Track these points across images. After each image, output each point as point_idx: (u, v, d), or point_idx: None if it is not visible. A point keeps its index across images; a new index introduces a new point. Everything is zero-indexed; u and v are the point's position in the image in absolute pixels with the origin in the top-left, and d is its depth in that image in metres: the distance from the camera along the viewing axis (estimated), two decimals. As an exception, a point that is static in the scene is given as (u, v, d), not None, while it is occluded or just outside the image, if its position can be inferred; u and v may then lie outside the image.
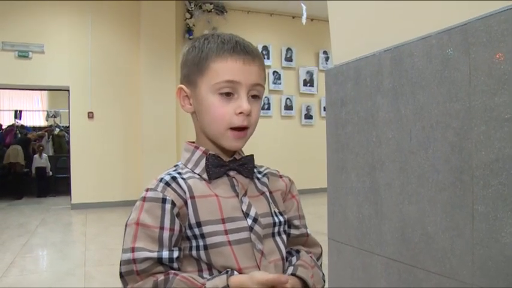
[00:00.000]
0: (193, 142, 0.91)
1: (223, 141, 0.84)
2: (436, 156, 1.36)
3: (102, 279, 3.32)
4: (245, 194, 0.86)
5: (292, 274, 0.83)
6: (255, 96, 0.85)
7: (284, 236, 0.90)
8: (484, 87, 1.19)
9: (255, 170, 0.92)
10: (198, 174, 0.85)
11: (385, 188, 1.59)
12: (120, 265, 0.77)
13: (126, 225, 0.80)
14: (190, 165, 0.87)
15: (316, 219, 1.00)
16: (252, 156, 0.90)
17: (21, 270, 3.66)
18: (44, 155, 8.85)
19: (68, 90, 7.00)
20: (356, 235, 1.77)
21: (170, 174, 0.84)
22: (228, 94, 0.82)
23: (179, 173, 0.85)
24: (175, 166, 0.89)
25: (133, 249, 0.76)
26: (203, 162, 0.85)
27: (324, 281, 0.92)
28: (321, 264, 0.96)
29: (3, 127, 10.18)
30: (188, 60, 0.87)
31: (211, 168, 0.84)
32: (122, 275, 0.77)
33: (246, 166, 0.88)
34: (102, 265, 3.73)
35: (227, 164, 0.86)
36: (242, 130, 0.83)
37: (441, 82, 1.34)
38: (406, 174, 1.49)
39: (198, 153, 0.87)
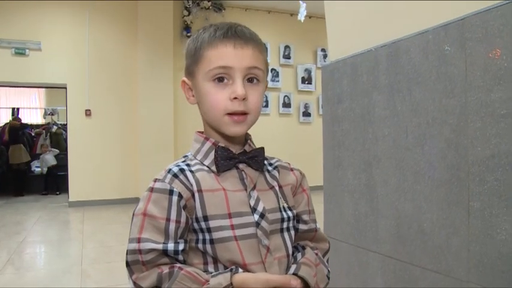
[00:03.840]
0: (203, 132, 0.90)
1: (222, 127, 0.83)
2: (432, 153, 1.35)
3: (99, 277, 3.30)
4: (254, 188, 0.85)
5: (294, 273, 0.82)
6: (252, 80, 0.83)
7: (292, 232, 0.89)
8: (480, 83, 1.18)
9: (266, 162, 0.91)
10: (207, 166, 0.84)
11: (381, 185, 1.59)
12: (127, 254, 0.77)
13: (133, 215, 0.80)
14: (199, 157, 0.86)
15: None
16: (262, 148, 0.88)
17: (18, 268, 3.65)
18: (51, 152, 8.83)
19: (66, 88, 6.97)
20: (352, 232, 1.76)
21: (179, 165, 0.83)
22: (220, 79, 0.81)
23: (188, 165, 0.84)
24: (184, 157, 0.88)
25: (139, 240, 0.76)
26: (212, 154, 0.84)
27: (329, 278, 0.91)
28: (327, 260, 0.94)
29: (1, 125, 10.14)
30: (187, 52, 0.87)
31: (220, 161, 0.83)
32: (128, 264, 0.77)
33: (255, 159, 0.86)
34: (99, 263, 3.72)
35: (236, 156, 0.85)
36: (240, 115, 0.82)
37: (437, 78, 1.33)
38: (402, 171, 1.48)
39: (208, 144, 0.86)
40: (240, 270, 0.77)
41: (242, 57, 0.81)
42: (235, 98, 0.80)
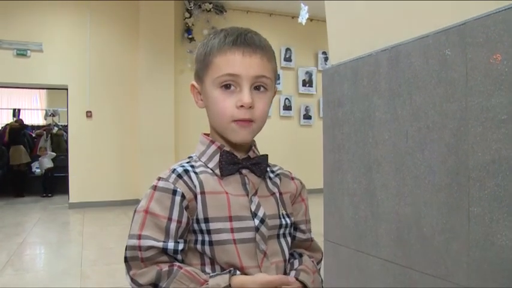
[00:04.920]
0: (209, 134, 0.91)
1: (228, 134, 0.84)
2: (433, 157, 1.35)
3: (98, 279, 3.30)
4: (255, 194, 0.86)
5: (295, 278, 0.83)
6: (260, 88, 0.84)
7: (289, 239, 0.90)
8: (481, 88, 1.18)
9: (268, 169, 0.92)
10: (211, 169, 0.85)
11: (381, 189, 1.58)
12: (126, 250, 0.78)
13: (134, 212, 0.81)
14: (204, 159, 0.87)
15: (312, 220, 0.99)
16: (266, 156, 0.89)
17: (17, 269, 3.65)
18: (48, 155, 8.83)
19: (67, 89, 6.98)
20: (352, 236, 1.76)
21: (183, 166, 0.84)
22: (228, 87, 0.82)
23: (192, 166, 0.85)
24: (189, 158, 0.90)
25: (139, 237, 0.77)
26: (217, 158, 0.85)
27: (322, 287, 0.93)
28: (319, 270, 0.96)
29: (1, 126, 10.13)
30: (197, 57, 0.88)
31: (224, 165, 0.84)
32: (126, 260, 0.78)
33: (259, 165, 0.87)
34: (98, 265, 3.72)
35: (240, 162, 0.86)
36: (246, 121, 0.83)
37: (438, 82, 1.33)
38: (402, 175, 1.48)
39: (213, 147, 0.87)
40: (238, 272, 0.78)
41: (250, 66, 0.81)
42: (242, 105, 0.81)
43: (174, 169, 0.83)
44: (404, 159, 1.46)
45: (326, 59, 8.56)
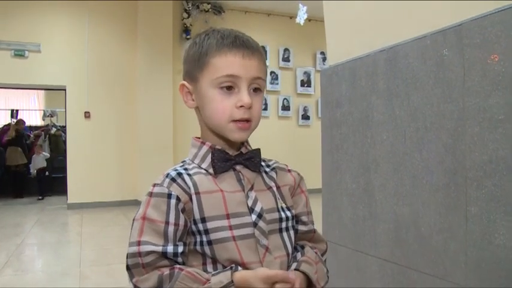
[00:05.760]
0: (200, 137, 0.91)
1: (226, 133, 0.85)
2: (430, 158, 1.36)
3: (97, 279, 3.30)
4: (251, 189, 0.86)
5: (296, 269, 0.83)
6: (256, 90, 0.86)
7: (292, 232, 0.90)
8: (478, 88, 1.18)
9: (263, 164, 0.93)
10: (205, 169, 0.86)
11: (379, 189, 1.59)
12: (127, 258, 0.78)
13: (133, 220, 0.81)
14: (197, 161, 0.87)
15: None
16: (258, 150, 0.90)
17: (16, 270, 3.64)
18: (41, 155, 8.80)
19: (65, 90, 6.96)
20: (350, 236, 1.76)
21: (176, 170, 0.85)
22: (228, 88, 0.83)
23: (186, 169, 0.85)
24: (182, 162, 0.90)
25: (139, 243, 0.77)
26: (209, 158, 0.86)
27: (328, 277, 0.93)
28: (325, 260, 0.96)
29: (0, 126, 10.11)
30: (189, 57, 0.88)
31: (216, 163, 0.85)
32: (128, 268, 0.79)
33: (252, 160, 0.88)
34: (97, 265, 3.72)
35: (233, 158, 0.87)
36: (245, 122, 0.84)
37: (435, 83, 1.33)
38: (400, 176, 1.49)
39: (205, 148, 0.88)
40: (240, 268, 0.79)
41: (250, 68, 0.83)
42: (242, 106, 0.82)
43: (168, 173, 0.84)
44: (402, 159, 1.47)
45: (324, 59, 8.56)
